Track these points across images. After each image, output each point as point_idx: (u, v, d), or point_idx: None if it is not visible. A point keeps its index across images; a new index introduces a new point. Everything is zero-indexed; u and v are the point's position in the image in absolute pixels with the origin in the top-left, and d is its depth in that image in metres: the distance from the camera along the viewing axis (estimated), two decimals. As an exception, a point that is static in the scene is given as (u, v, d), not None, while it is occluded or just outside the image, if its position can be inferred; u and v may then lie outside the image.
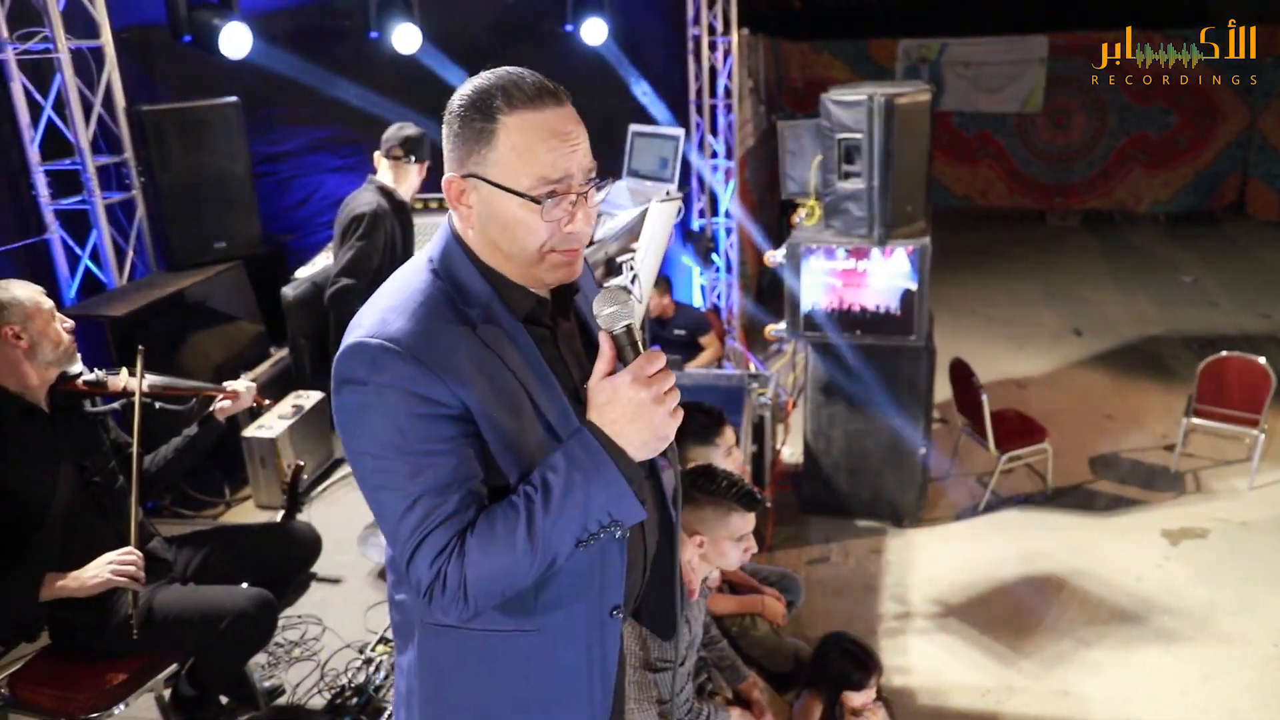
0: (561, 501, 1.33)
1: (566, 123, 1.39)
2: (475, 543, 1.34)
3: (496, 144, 1.37)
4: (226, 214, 4.77)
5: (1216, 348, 5.50)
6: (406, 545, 1.35)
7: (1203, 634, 3.92)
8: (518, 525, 1.33)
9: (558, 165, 1.37)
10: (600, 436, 1.34)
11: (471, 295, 1.42)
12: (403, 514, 1.35)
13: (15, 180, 4.22)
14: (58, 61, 4.17)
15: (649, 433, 1.34)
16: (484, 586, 1.35)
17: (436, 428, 1.34)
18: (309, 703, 3.13)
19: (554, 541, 1.34)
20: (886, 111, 4.37)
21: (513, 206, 1.38)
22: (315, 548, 2.98)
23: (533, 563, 1.35)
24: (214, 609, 2.53)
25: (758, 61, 8.59)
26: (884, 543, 4.73)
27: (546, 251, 1.41)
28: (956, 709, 3.59)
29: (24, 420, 2.47)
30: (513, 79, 1.39)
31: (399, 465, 1.34)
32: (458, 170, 1.42)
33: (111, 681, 2.48)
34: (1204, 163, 10.57)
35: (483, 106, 1.37)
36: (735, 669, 2.85)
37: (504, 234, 1.41)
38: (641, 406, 1.33)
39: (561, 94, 1.41)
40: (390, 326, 1.35)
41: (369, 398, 1.34)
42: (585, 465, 1.33)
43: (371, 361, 1.33)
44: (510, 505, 1.35)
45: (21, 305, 2.43)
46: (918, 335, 4.57)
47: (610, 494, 1.34)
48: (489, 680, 1.53)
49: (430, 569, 1.34)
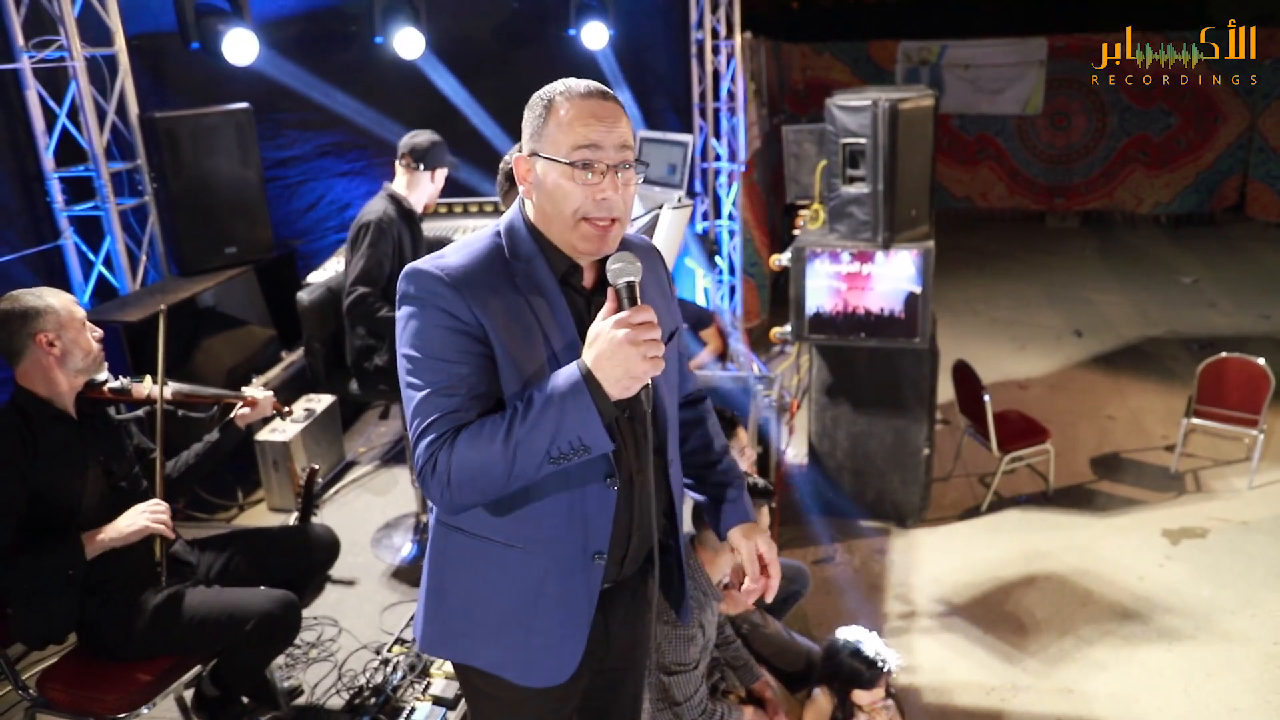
0: (538, 415, 1.55)
1: (606, 109, 1.66)
2: (465, 437, 1.59)
3: (548, 123, 1.66)
4: (237, 219, 4.81)
5: (1216, 349, 5.55)
6: (415, 429, 1.63)
7: (1204, 632, 3.96)
8: (499, 429, 1.57)
9: (590, 138, 1.63)
10: (583, 369, 1.56)
11: (520, 251, 1.71)
12: (419, 403, 1.62)
13: (30, 187, 4.26)
14: (73, 69, 4.21)
15: (622, 370, 1.54)
16: (464, 477, 1.59)
17: (457, 340, 1.62)
18: (328, 703, 3.18)
19: (526, 450, 1.56)
20: (891, 117, 4.41)
21: (555, 174, 1.65)
22: (334, 550, 3.03)
23: (506, 465, 1.57)
24: (240, 610, 2.59)
25: (760, 64, 8.64)
26: (888, 543, 4.78)
27: (580, 218, 1.66)
28: (962, 707, 3.63)
29: (54, 426, 2.52)
30: (573, 80, 1.69)
31: (424, 364, 1.63)
32: (524, 150, 1.71)
33: (139, 682, 2.53)
34: (1205, 164, 10.61)
35: (545, 97, 1.68)
36: (748, 668, 2.90)
37: (548, 200, 1.67)
38: (619, 345, 1.53)
39: (610, 94, 1.69)
40: (443, 260, 1.67)
41: (411, 308, 1.65)
42: (563, 389, 1.56)
43: (418, 281, 1.64)
44: (500, 415, 1.60)
45: (56, 313, 2.48)
46: (922, 338, 4.61)
47: (580, 418, 1.55)
48: (480, 581, 1.80)
49: (426, 451, 1.60)
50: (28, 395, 2.51)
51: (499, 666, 1.83)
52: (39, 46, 4.12)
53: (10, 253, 4.11)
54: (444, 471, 1.59)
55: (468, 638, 1.84)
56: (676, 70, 7.37)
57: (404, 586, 3.84)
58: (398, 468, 4.89)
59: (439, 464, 1.59)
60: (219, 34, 4.55)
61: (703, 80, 7.34)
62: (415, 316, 1.65)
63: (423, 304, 1.64)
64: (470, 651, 1.85)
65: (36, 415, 2.50)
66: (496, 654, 1.83)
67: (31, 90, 4.14)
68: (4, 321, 2.46)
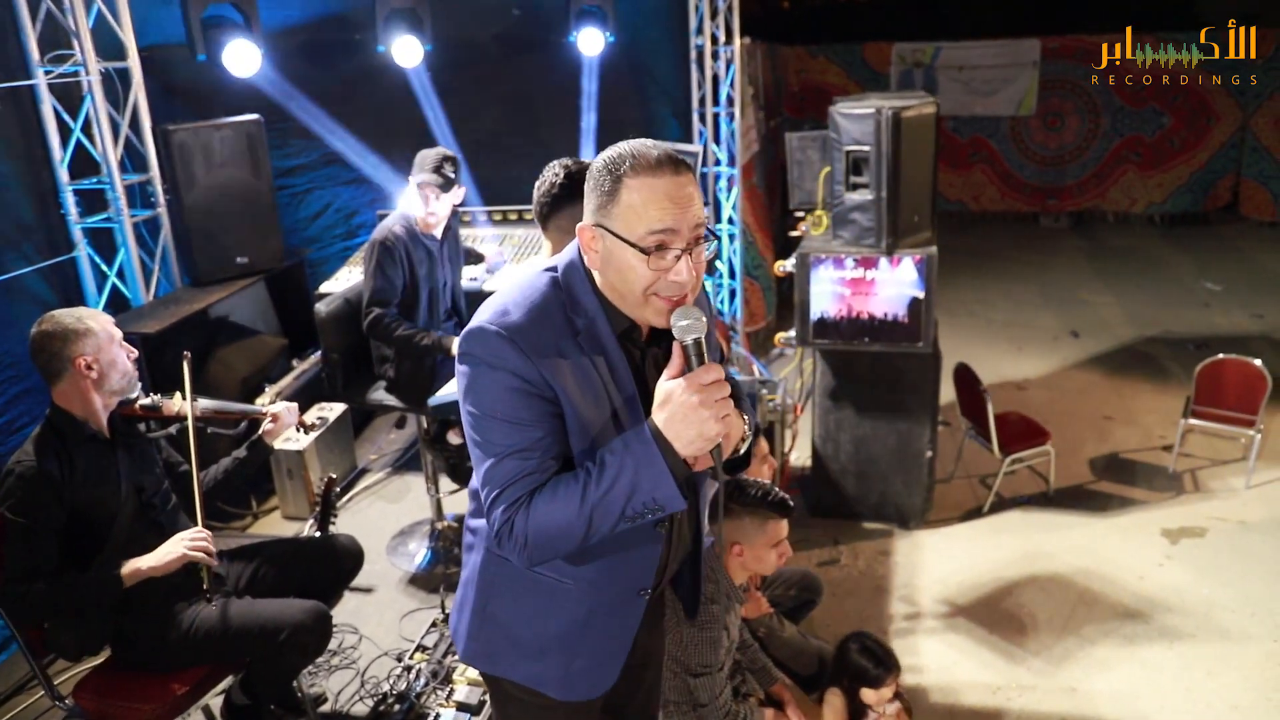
0: (614, 479, 1.57)
1: (680, 188, 1.63)
2: (541, 502, 1.61)
3: (619, 201, 1.63)
4: (249, 230, 4.85)
5: (1211, 348, 5.63)
6: (489, 493, 1.65)
7: (1204, 631, 4.04)
8: (574, 493, 1.59)
9: (665, 223, 1.61)
10: (654, 430, 1.58)
11: (581, 307, 1.70)
12: (492, 467, 1.64)
13: (45, 200, 4.30)
14: (88, 84, 4.25)
15: (695, 432, 1.56)
16: (541, 540, 1.62)
17: (529, 402, 1.63)
18: (352, 710, 3.23)
19: (602, 512, 1.59)
20: (894, 124, 4.46)
21: (627, 254, 1.63)
22: (359, 560, 3.09)
23: (583, 528, 1.60)
24: (273, 621, 2.64)
25: (756, 68, 8.71)
26: (891, 544, 4.84)
27: (650, 294, 1.65)
28: (969, 706, 3.68)
29: (89, 445, 2.57)
30: (642, 149, 1.65)
31: (495, 427, 1.64)
32: (589, 221, 1.68)
33: (174, 693, 2.58)
34: (1198, 164, 10.70)
35: (613, 169, 1.64)
36: (767, 671, 2.97)
37: (618, 276, 1.66)
38: (692, 409, 1.55)
39: (682, 165, 1.65)
40: (508, 318, 1.65)
41: (481, 370, 1.64)
42: (637, 452, 1.58)
43: (486, 343, 1.64)
44: (573, 476, 1.62)
45: (95, 336, 2.52)
46: (925, 342, 4.68)
47: (654, 480, 1.57)
48: (528, 609, 1.84)
49: (503, 515, 1.62)
50: (64, 415, 2.56)
51: (538, 682, 1.90)
52: (54, 61, 4.16)
53: (26, 265, 4.15)
54: (520, 535, 1.62)
55: (510, 655, 1.90)
56: (676, 76, 7.42)
57: (421, 593, 3.89)
58: (410, 474, 4.94)
59: (515, 528, 1.62)
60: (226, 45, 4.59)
61: (702, 85, 7.40)
62: (483, 377, 1.65)
63: (490, 366, 1.63)
64: (511, 666, 1.92)
65: (72, 435, 2.55)
66: (537, 670, 1.89)
67: (47, 104, 4.18)
68: (44, 344, 2.51)
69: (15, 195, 4.18)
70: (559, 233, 2.61)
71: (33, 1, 4.05)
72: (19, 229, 4.18)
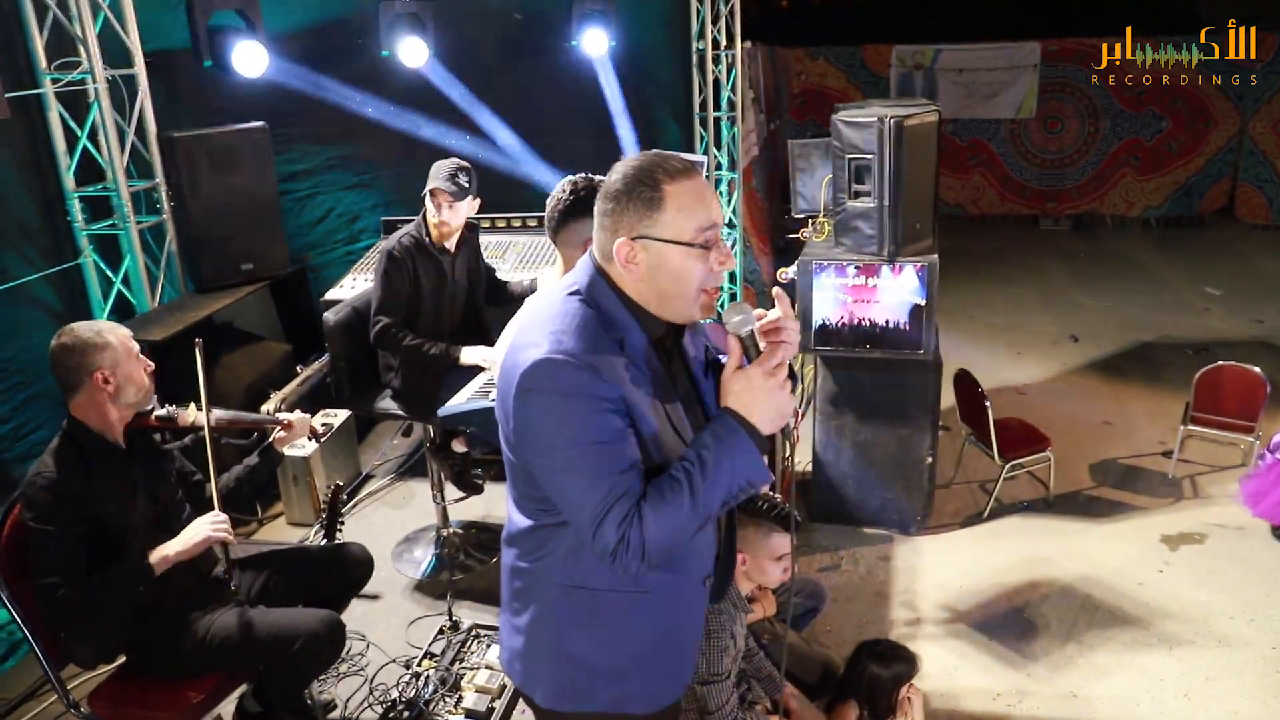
0: (715, 470, 1.67)
1: (707, 185, 1.79)
2: (650, 509, 1.67)
3: (665, 208, 1.72)
4: (253, 236, 4.87)
5: (1210, 353, 5.65)
6: (594, 517, 1.67)
7: (1203, 637, 4.07)
8: (682, 492, 1.67)
9: (711, 218, 1.74)
10: (738, 418, 1.69)
11: (616, 321, 1.77)
12: (587, 491, 1.67)
13: (51, 206, 4.32)
14: (94, 91, 4.26)
15: (775, 411, 1.71)
16: (659, 543, 1.67)
17: (611, 420, 1.68)
18: (361, 717, 3.26)
19: (710, 502, 1.68)
20: (896, 133, 4.47)
21: (680, 257, 1.73)
22: (369, 569, 3.11)
23: (695, 521, 1.69)
24: (287, 630, 2.67)
25: (757, 70, 8.74)
26: (892, 550, 4.86)
27: (700, 290, 1.76)
28: (969, 712, 3.71)
29: (105, 456, 2.60)
30: (664, 158, 1.77)
31: (586, 452, 1.67)
32: (628, 234, 1.74)
33: (188, 701, 2.61)
34: (1195, 168, 10.74)
35: (648, 181, 1.73)
36: (772, 679, 2.99)
37: (671, 280, 1.75)
38: (772, 392, 1.70)
39: (695, 167, 1.79)
40: (564, 344, 1.69)
41: (554, 401, 1.68)
42: (730, 441, 1.68)
43: (555, 373, 1.67)
44: (672, 478, 1.69)
45: (114, 350, 2.55)
46: (926, 349, 4.71)
47: (749, 462, 1.69)
48: (606, 635, 1.88)
49: (616, 532, 1.66)
50: (81, 427, 2.58)
51: (622, 703, 1.93)
52: (61, 69, 4.17)
53: (32, 271, 4.17)
54: (639, 546, 1.66)
55: (591, 687, 1.92)
56: (677, 79, 7.45)
57: (428, 600, 3.91)
58: (414, 480, 4.95)
59: (632, 541, 1.66)
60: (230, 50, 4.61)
61: (703, 89, 7.43)
62: (563, 407, 1.68)
63: (566, 395, 1.67)
64: (592, 699, 1.93)
65: (89, 447, 2.58)
66: (621, 691, 1.92)
67: (54, 112, 4.20)
68: (63, 358, 2.53)
69: (22, 202, 4.20)
70: (566, 247, 2.69)
71: (40, 9, 4.06)
72: (25, 235, 4.20)
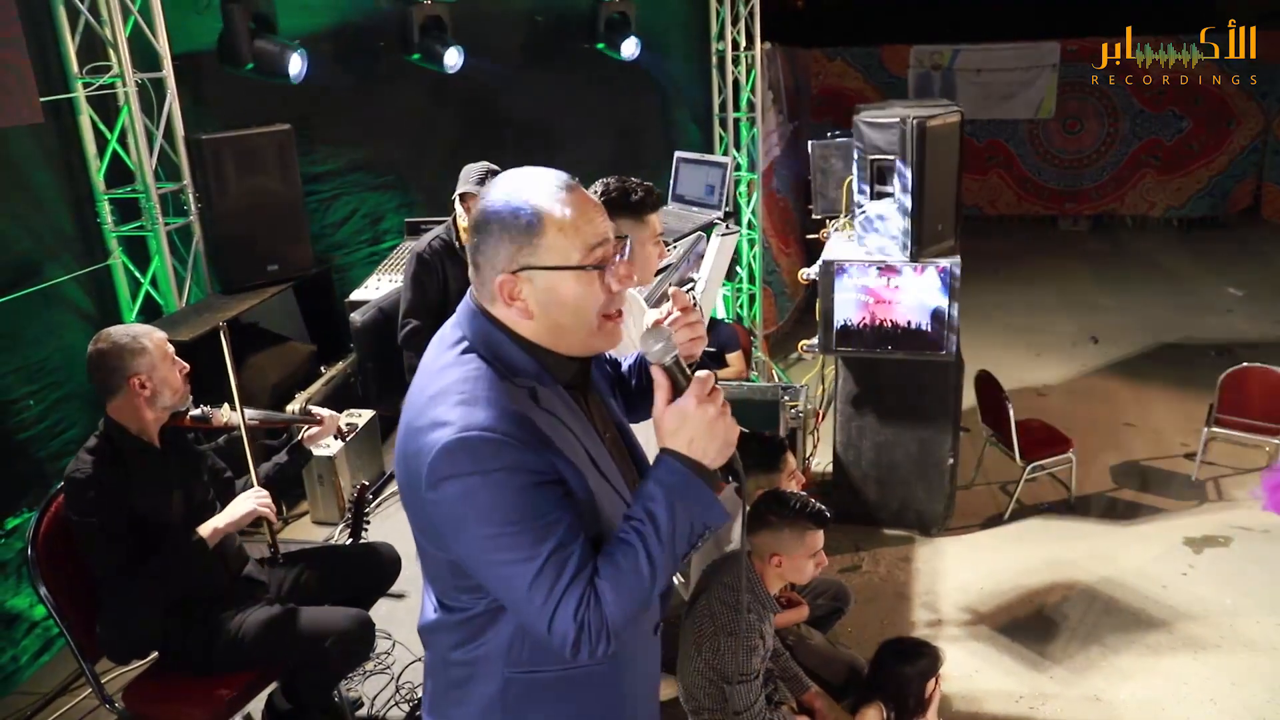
0: (668, 524, 1.47)
1: (589, 198, 1.54)
2: (606, 585, 1.46)
3: (544, 232, 1.49)
4: (278, 237, 4.90)
5: (1234, 354, 5.63)
6: (544, 608, 1.45)
7: (1229, 641, 4.06)
8: (638, 557, 1.47)
9: (599, 233, 1.52)
10: (681, 459, 1.49)
11: (519, 369, 1.54)
12: (533, 580, 1.44)
13: (82, 209, 4.37)
14: (124, 95, 4.31)
15: (720, 441, 1.50)
16: (622, 620, 1.48)
17: (546, 495, 1.46)
18: (388, 714, 3.28)
19: (669, 561, 1.49)
20: (919, 134, 4.47)
21: (570, 284, 1.51)
22: (397, 568, 3.14)
23: (657, 586, 1.49)
24: (318, 628, 2.70)
25: (777, 71, 8.75)
26: (913, 551, 4.88)
27: (602, 318, 1.55)
28: (991, 714, 3.71)
29: (141, 456, 2.64)
30: (532, 175, 1.54)
31: (522, 537, 1.44)
32: (507, 268, 1.51)
33: (222, 697, 2.64)
34: (1218, 168, 10.68)
35: (518, 206, 1.50)
36: (798, 680, 3.02)
37: (566, 312, 1.53)
38: (712, 421, 1.49)
39: (574, 180, 1.55)
40: (475, 418, 1.45)
41: (476, 484, 1.43)
42: (679, 488, 1.48)
43: (474, 453, 1.43)
44: (624, 543, 1.48)
45: (150, 355, 2.59)
46: (948, 351, 4.71)
47: (703, 507, 1.49)
48: (560, 708, 1.67)
49: (574, 621, 1.45)
50: (118, 428, 2.63)
51: None
52: (92, 73, 4.23)
53: (64, 273, 4.22)
54: (600, 629, 1.46)
55: None
56: (697, 81, 7.47)
57: (452, 598, 3.94)
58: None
59: (592, 626, 1.45)
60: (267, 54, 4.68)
61: (723, 90, 7.45)
62: (485, 490, 1.44)
63: (488, 474, 1.43)
64: None
65: (125, 447, 2.62)
66: None
67: (84, 115, 4.25)
68: (100, 362, 2.58)
69: (55, 205, 4.25)
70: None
71: (72, 14, 4.12)
72: (59, 237, 4.26)
